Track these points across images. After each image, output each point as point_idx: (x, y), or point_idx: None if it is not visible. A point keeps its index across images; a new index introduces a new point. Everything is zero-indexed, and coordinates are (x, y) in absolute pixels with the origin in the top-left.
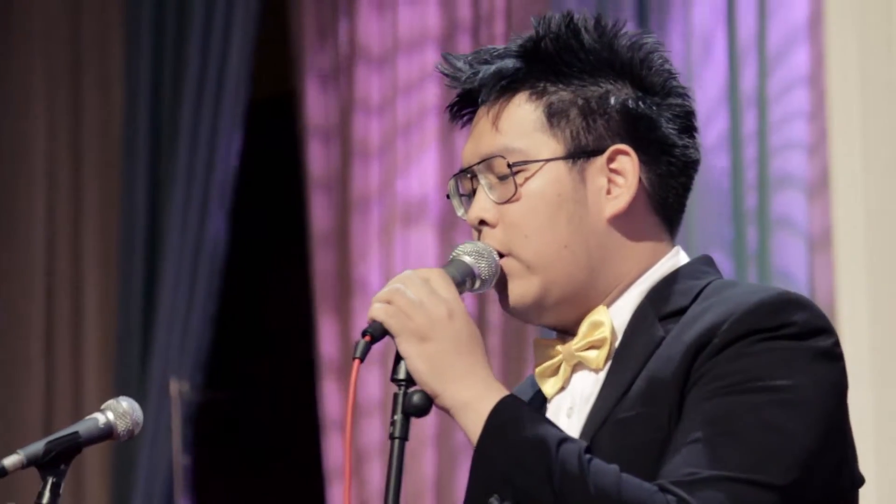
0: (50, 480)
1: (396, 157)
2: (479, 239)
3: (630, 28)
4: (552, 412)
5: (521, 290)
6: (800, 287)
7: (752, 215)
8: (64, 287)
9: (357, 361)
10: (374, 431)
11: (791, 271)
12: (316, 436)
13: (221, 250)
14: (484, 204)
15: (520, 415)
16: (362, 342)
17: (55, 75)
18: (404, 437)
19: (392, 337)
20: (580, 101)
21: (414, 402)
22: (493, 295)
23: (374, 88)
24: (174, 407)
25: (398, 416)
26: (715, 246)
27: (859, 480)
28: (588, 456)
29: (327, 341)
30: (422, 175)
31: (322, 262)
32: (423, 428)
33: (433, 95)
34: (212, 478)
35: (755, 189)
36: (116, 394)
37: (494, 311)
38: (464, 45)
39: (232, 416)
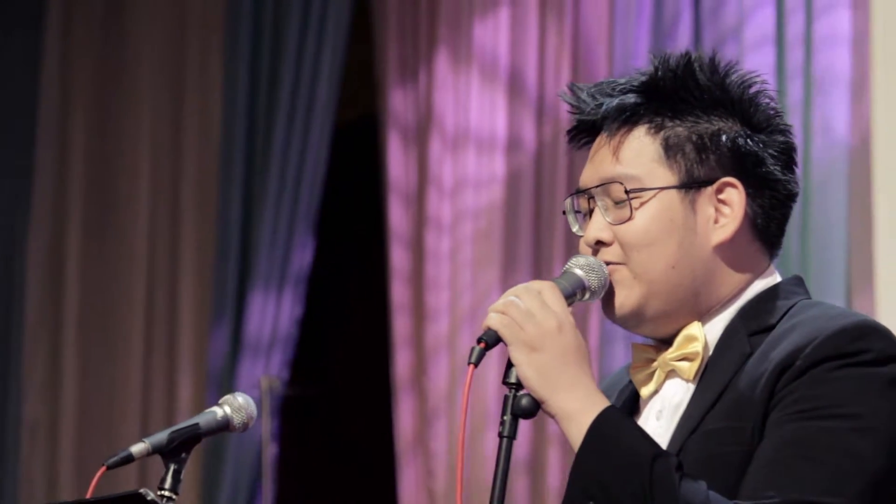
0: (172, 467)
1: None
2: (594, 255)
3: (739, 66)
4: (644, 413)
5: (626, 298)
6: None
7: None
8: (163, 292)
9: (472, 367)
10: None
11: None
12: (390, 432)
13: (308, 260)
14: (600, 224)
15: (618, 428)
16: (477, 348)
17: (160, 99)
18: (512, 437)
19: (505, 345)
20: (694, 137)
21: (522, 405)
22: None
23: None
24: (263, 401)
25: (507, 417)
26: None
27: None
28: (679, 473)
29: (402, 362)
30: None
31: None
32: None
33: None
34: (296, 467)
35: None
36: (209, 389)
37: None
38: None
39: (315, 411)
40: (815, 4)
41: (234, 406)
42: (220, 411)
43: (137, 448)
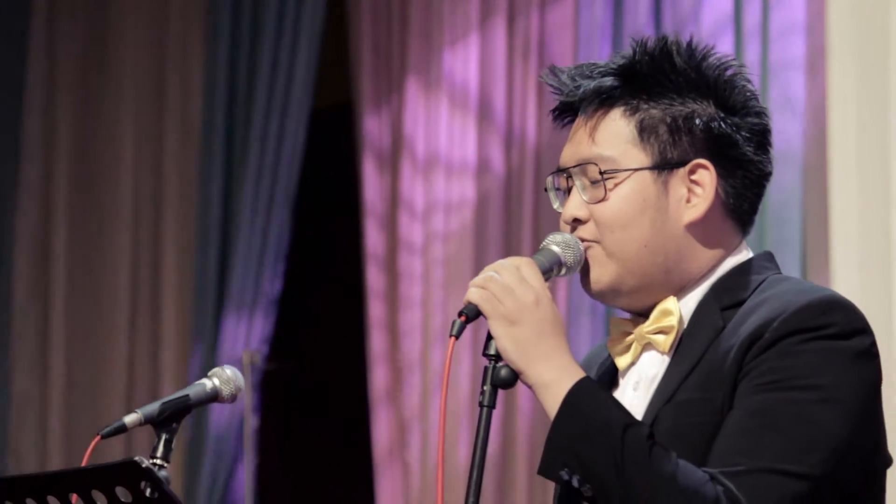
0: (163, 437)
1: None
2: (571, 233)
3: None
4: (622, 384)
5: (600, 274)
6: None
7: None
8: (146, 271)
9: (453, 339)
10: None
11: None
12: (365, 405)
13: (286, 239)
14: (577, 203)
15: (592, 398)
16: (458, 322)
17: (142, 86)
18: (492, 406)
19: (485, 318)
20: (668, 119)
21: (501, 376)
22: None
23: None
24: (245, 375)
25: (487, 387)
26: None
27: (888, 461)
28: (651, 441)
29: (377, 328)
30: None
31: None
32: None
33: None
34: (276, 438)
35: None
36: (192, 365)
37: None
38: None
39: (293, 384)
40: None
41: (223, 378)
42: (209, 383)
43: (130, 418)
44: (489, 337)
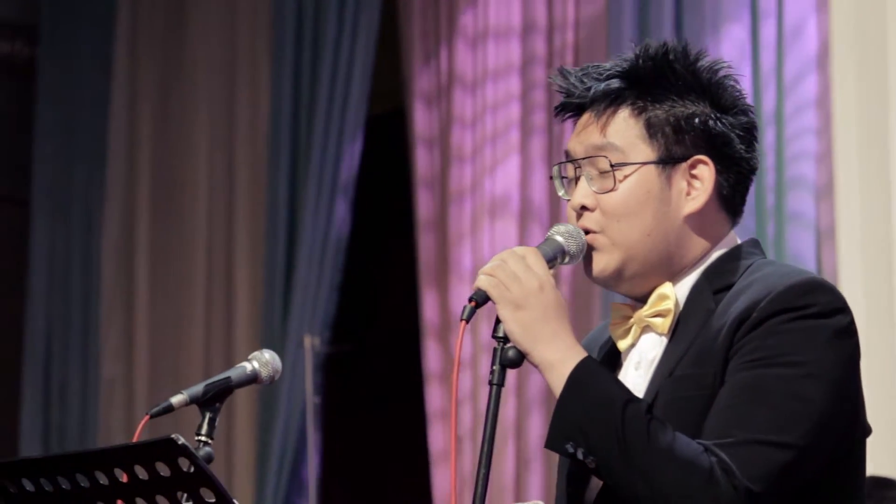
0: (207, 416)
1: (485, 161)
2: (577, 220)
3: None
4: (625, 365)
5: (605, 262)
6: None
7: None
8: (220, 263)
9: (463, 323)
10: (467, 381)
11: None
12: (420, 384)
13: (345, 233)
14: (585, 192)
15: (594, 376)
16: (468, 307)
17: (215, 96)
18: (500, 384)
19: (493, 303)
20: (672, 119)
21: (509, 357)
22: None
23: (468, 106)
24: (307, 357)
25: (496, 367)
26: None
27: (867, 431)
28: (649, 416)
29: (429, 309)
30: (506, 176)
31: (426, 245)
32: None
33: (515, 112)
34: (337, 415)
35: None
36: (261, 347)
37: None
38: (540, 75)
39: (353, 366)
40: None
41: (262, 361)
42: (248, 366)
43: (177, 399)
44: (497, 321)
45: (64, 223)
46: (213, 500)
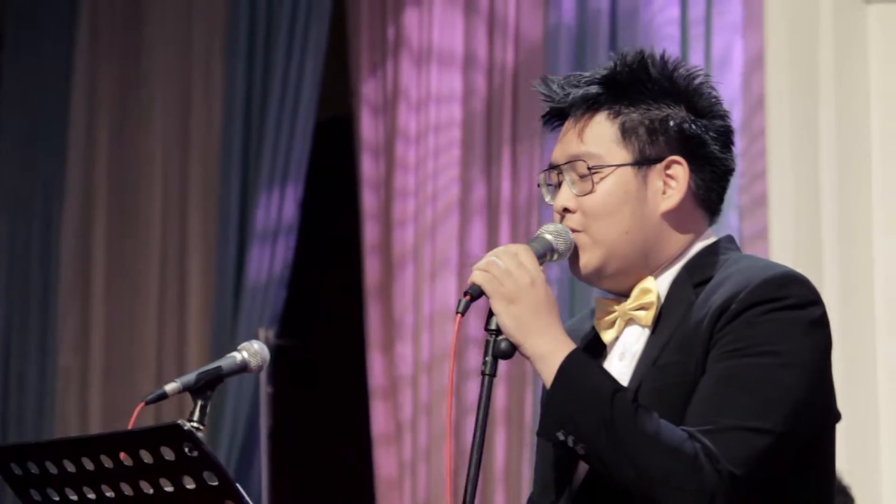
0: (199, 403)
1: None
2: (561, 222)
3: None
4: (609, 356)
5: (588, 259)
6: None
7: None
8: (173, 259)
9: (459, 316)
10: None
11: None
12: (362, 358)
13: (294, 233)
14: (567, 195)
15: (583, 368)
16: (463, 300)
17: (170, 98)
18: (493, 374)
19: (487, 297)
20: (647, 122)
21: (501, 348)
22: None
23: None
24: None
25: (489, 358)
26: None
27: (837, 418)
28: (636, 405)
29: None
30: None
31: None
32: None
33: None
34: (286, 404)
35: None
36: (213, 342)
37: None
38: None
39: (301, 358)
40: None
41: (251, 351)
42: (238, 356)
43: (171, 387)
44: (490, 314)
45: (24, 219)
46: (216, 484)
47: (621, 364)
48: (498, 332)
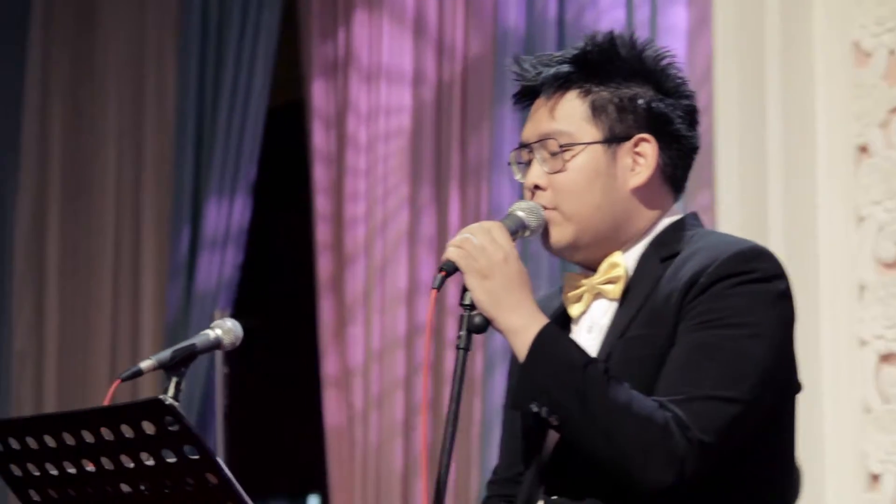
0: (174, 380)
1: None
2: (532, 199)
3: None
4: (577, 328)
5: (560, 234)
6: None
7: None
8: (127, 247)
9: (434, 291)
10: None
11: None
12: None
13: (247, 217)
14: (538, 172)
15: (556, 341)
16: (438, 276)
17: (124, 89)
18: (467, 349)
19: (461, 273)
20: (616, 100)
21: (475, 323)
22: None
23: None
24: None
25: (463, 333)
26: None
27: (798, 388)
28: (607, 376)
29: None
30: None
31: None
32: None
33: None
34: (241, 381)
35: None
36: (167, 325)
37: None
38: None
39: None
40: None
41: (224, 328)
42: (212, 333)
43: (146, 364)
44: (464, 289)
45: None
46: (197, 457)
47: (590, 336)
48: (472, 307)
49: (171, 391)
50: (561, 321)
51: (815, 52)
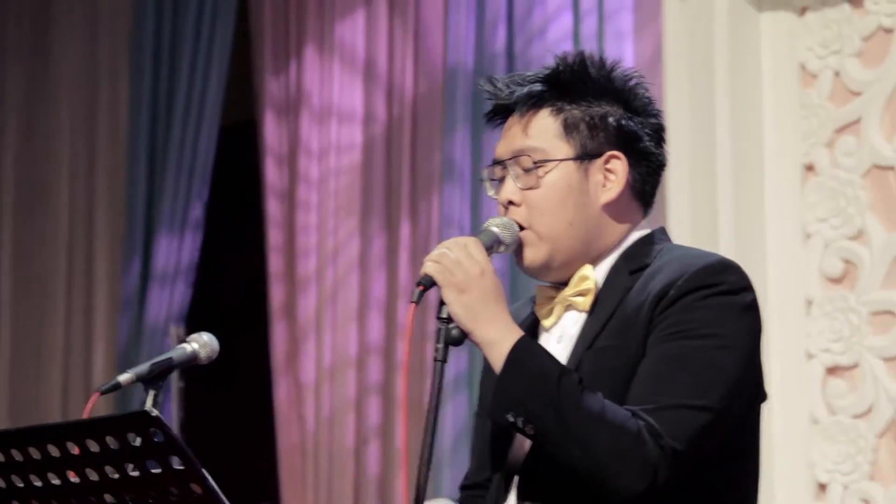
0: (152, 392)
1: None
2: (505, 215)
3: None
4: (547, 339)
5: (534, 254)
6: None
7: None
8: (80, 260)
9: (413, 305)
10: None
11: None
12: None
13: (200, 235)
14: (511, 188)
15: (531, 353)
16: (417, 290)
17: (77, 103)
18: (444, 361)
19: (439, 287)
20: (587, 118)
21: (453, 335)
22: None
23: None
24: (173, 344)
25: (440, 345)
26: None
27: (764, 397)
28: (581, 386)
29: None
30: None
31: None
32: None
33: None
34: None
35: None
36: (119, 338)
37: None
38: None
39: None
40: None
41: (201, 342)
42: (189, 347)
43: (124, 377)
44: (441, 303)
45: None
46: (182, 468)
47: (559, 346)
48: (449, 320)
49: (149, 403)
50: (531, 330)
51: (762, 73)
